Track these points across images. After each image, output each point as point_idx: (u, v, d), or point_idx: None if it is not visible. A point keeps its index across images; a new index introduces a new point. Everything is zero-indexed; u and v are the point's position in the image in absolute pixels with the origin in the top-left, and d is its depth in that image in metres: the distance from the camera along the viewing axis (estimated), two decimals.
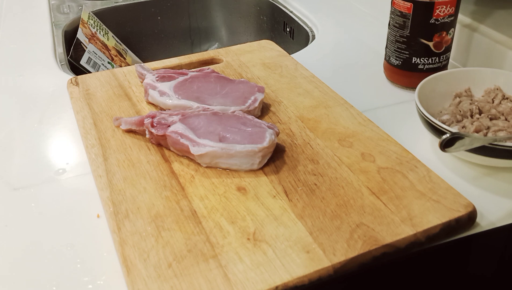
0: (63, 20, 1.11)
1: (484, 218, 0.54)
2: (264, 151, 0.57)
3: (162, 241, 0.49)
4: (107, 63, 1.04)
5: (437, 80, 0.69)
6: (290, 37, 1.17)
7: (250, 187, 0.56)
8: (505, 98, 0.67)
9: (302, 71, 0.80)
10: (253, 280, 0.45)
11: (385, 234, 0.49)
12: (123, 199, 0.55)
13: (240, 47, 0.88)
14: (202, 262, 0.47)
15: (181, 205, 0.54)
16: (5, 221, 0.55)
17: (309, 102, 0.72)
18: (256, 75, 0.79)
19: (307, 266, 0.46)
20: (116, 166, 0.59)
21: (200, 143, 0.58)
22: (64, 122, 0.72)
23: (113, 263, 0.49)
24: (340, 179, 0.57)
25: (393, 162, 0.59)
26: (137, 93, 0.75)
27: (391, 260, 0.49)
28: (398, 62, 0.77)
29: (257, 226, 0.51)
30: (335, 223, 0.51)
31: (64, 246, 0.52)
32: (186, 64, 0.83)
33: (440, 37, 0.73)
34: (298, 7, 1.15)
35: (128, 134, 0.65)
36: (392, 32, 0.77)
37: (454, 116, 0.65)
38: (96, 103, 0.73)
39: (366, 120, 0.67)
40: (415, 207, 0.53)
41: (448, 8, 0.71)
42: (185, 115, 0.63)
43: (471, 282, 0.50)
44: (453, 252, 0.52)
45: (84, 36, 1.01)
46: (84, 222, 0.55)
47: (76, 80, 0.79)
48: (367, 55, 0.91)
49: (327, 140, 0.63)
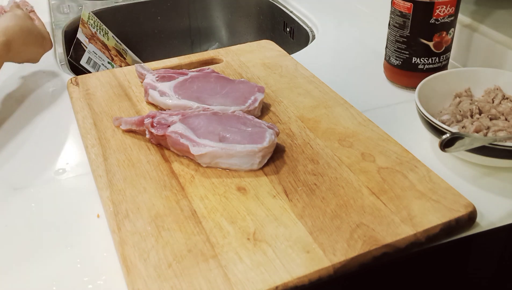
0: (63, 20, 1.11)
1: (484, 218, 0.54)
2: (264, 151, 0.57)
3: (162, 241, 0.49)
4: (107, 63, 1.04)
5: (437, 80, 0.69)
6: (290, 37, 1.17)
7: (250, 187, 0.56)
8: (505, 98, 0.67)
9: (302, 71, 0.80)
10: (253, 280, 0.45)
11: (385, 234, 0.49)
12: (123, 199, 0.55)
13: (240, 47, 0.88)
14: (202, 262, 0.47)
15: (181, 205, 0.54)
16: (5, 221, 0.55)
17: (309, 102, 0.72)
18: (256, 75, 0.79)
19: (307, 266, 0.46)
20: (116, 166, 0.59)
21: (200, 143, 0.58)
22: (64, 122, 0.72)
23: (113, 263, 0.49)
24: (340, 179, 0.57)
25: (393, 162, 0.59)
26: (137, 93, 0.75)
27: (391, 260, 0.49)
28: (398, 62, 0.77)
29: (257, 226, 0.51)
30: (335, 223, 0.51)
31: (64, 246, 0.52)
32: (186, 64, 0.83)
33: (440, 37, 0.73)
34: (298, 7, 1.15)
35: (128, 134, 0.65)
36: (392, 32, 0.77)
37: (454, 116, 0.65)
38: (96, 103, 0.73)
39: (366, 120, 0.67)
40: (415, 207, 0.53)
41: (448, 8, 0.71)
42: (185, 115, 0.63)
43: (471, 282, 0.50)
44: (453, 252, 0.52)
45: (84, 36, 1.01)
46: (84, 222, 0.55)
47: (76, 80, 0.79)
48: (367, 55, 0.91)
49: (327, 140, 0.63)
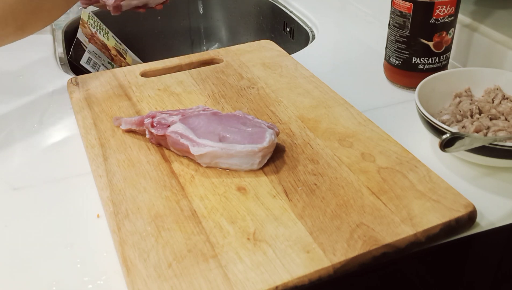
0: (63, 20, 1.11)
1: (484, 218, 0.54)
2: (264, 151, 0.57)
3: (162, 241, 0.49)
4: (107, 63, 1.03)
5: (437, 80, 0.69)
6: (290, 37, 1.17)
7: (250, 187, 0.56)
8: (505, 98, 0.67)
9: (302, 71, 0.80)
10: (253, 280, 0.45)
11: (385, 234, 0.49)
12: (123, 199, 0.55)
13: (240, 47, 0.88)
14: (202, 262, 0.47)
15: (181, 205, 0.54)
16: (5, 221, 0.55)
17: (309, 102, 0.72)
18: (256, 75, 0.79)
19: (307, 266, 0.46)
20: (116, 166, 0.59)
21: (200, 143, 0.58)
22: (64, 122, 0.72)
23: (113, 263, 0.49)
24: (340, 179, 0.57)
25: (393, 162, 0.59)
26: (137, 93, 0.75)
27: (391, 260, 0.49)
28: (398, 62, 0.77)
29: (257, 226, 0.51)
30: (335, 223, 0.51)
31: (64, 246, 0.52)
32: (186, 64, 0.83)
33: (440, 37, 0.73)
34: (298, 7, 1.15)
35: (128, 134, 0.65)
36: (392, 32, 0.77)
37: (454, 116, 0.65)
38: (96, 103, 0.73)
39: (366, 120, 0.67)
40: (415, 207, 0.53)
41: (448, 8, 0.71)
42: (185, 115, 0.63)
43: (471, 282, 0.50)
44: (453, 252, 0.52)
45: (84, 36, 1.01)
46: (84, 222, 0.55)
47: (76, 80, 0.79)
48: (367, 55, 0.91)
49: (327, 140, 0.63)
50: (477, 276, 0.50)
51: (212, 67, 0.82)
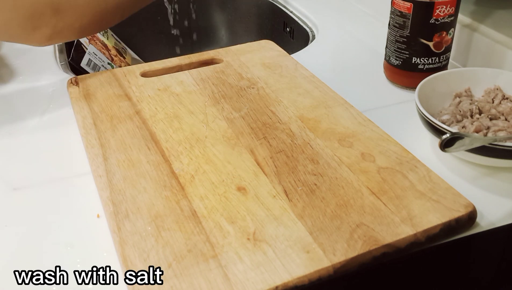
0: None
1: (484, 218, 0.54)
2: None
3: (162, 241, 0.49)
4: (107, 64, 1.03)
5: (437, 80, 0.69)
6: (290, 37, 1.17)
7: (250, 187, 0.56)
8: (505, 98, 0.67)
9: (302, 71, 0.80)
10: (253, 280, 0.45)
11: (385, 234, 0.49)
12: (123, 199, 0.55)
13: (240, 47, 0.88)
14: (202, 262, 0.47)
15: (181, 205, 0.54)
16: (5, 221, 0.55)
17: (309, 102, 0.72)
18: (256, 75, 0.79)
19: (307, 266, 0.46)
20: (116, 166, 0.59)
21: None
22: (64, 122, 0.72)
23: (113, 263, 0.49)
24: (340, 179, 0.57)
25: (393, 162, 0.59)
26: (137, 93, 0.75)
27: (391, 260, 0.49)
28: (398, 62, 0.77)
29: (257, 226, 0.51)
30: (335, 223, 0.51)
31: (64, 246, 0.52)
32: (186, 64, 0.83)
33: (440, 37, 0.73)
34: (298, 7, 1.15)
35: (128, 134, 0.65)
36: (392, 32, 0.77)
37: (454, 116, 0.65)
38: (96, 103, 0.73)
39: (366, 120, 0.67)
40: (415, 207, 0.53)
41: (448, 8, 0.71)
42: None
43: (471, 282, 0.50)
44: (453, 252, 0.52)
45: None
46: (84, 222, 0.55)
47: (76, 80, 0.79)
48: (367, 55, 0.91)
49: (327, 140, 0.63)
50: (477, 276, 0.50)
51: (212, 67, 0.82)
